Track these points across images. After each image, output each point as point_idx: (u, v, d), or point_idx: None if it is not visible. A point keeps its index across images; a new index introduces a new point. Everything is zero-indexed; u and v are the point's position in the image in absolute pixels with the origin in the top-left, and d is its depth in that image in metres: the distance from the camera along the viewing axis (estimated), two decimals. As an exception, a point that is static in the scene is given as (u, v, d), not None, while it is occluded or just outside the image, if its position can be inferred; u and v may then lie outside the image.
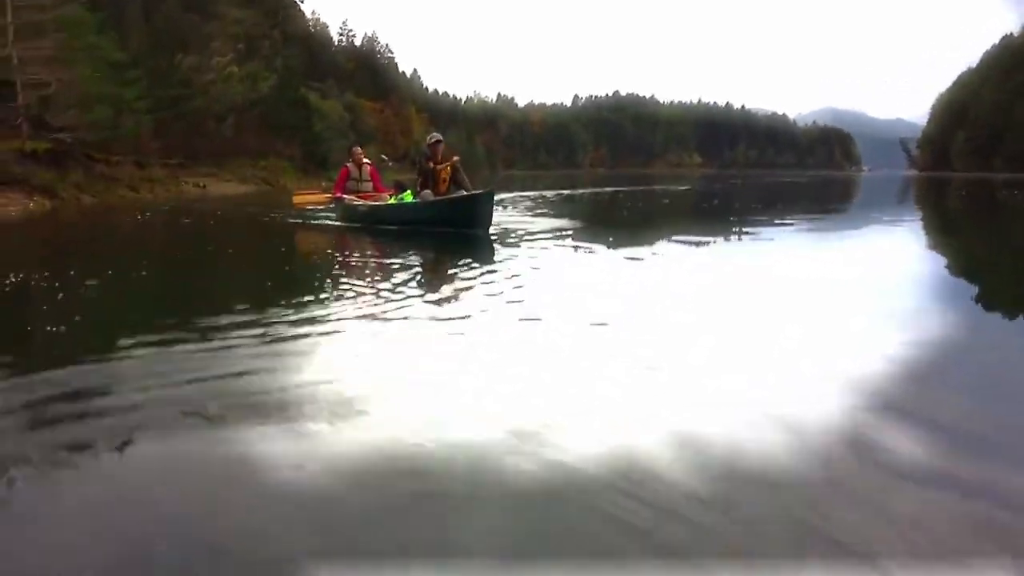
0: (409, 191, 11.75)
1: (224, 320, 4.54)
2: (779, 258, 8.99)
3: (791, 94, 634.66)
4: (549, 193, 28.95)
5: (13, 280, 6.68)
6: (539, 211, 17.44)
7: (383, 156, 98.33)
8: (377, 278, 6.55)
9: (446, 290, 5.76)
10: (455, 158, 11.76)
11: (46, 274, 6.92)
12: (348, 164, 13.09)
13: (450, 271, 6.93)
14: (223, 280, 7.34)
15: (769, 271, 7.62)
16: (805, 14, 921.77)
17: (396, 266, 7.25)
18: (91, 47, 28.91)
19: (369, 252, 9.28)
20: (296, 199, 14.65)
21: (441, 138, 11.95)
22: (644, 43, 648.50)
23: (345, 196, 12.66)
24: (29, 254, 10.32)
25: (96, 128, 27.51)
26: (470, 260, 7.54)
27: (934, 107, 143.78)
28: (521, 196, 25.26)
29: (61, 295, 5.69)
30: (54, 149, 24.99)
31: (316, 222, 13.43)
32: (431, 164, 11.38)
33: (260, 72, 46.12)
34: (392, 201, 12.02)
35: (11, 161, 22.78)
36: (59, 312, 5.06)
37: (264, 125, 43.90)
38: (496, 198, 10.97)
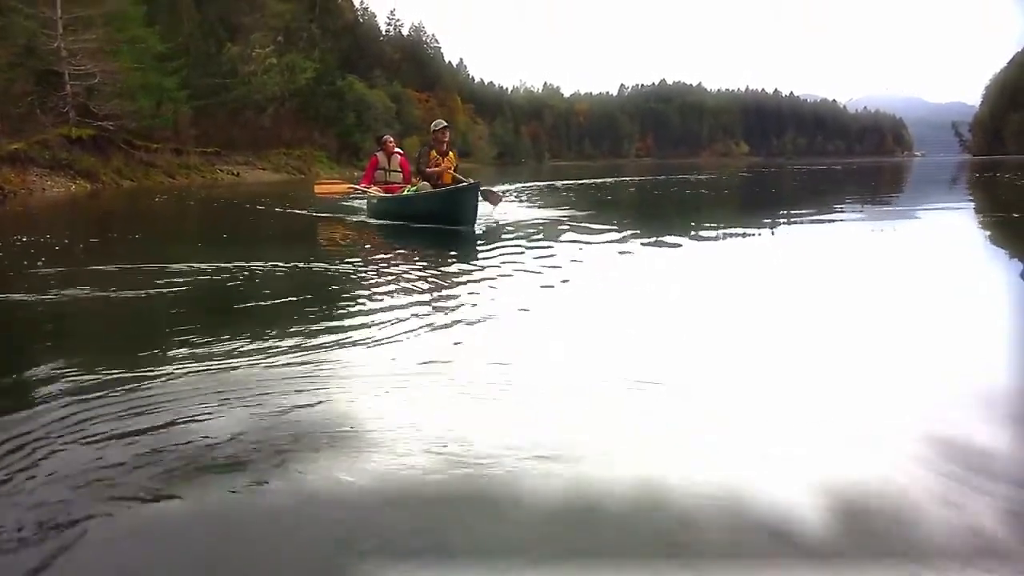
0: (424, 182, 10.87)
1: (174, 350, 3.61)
2: (805, 261, 7.61)
3: (843, 80, 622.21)
4: (588, 181, 29.71)
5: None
6: (568, 203, 17.08)
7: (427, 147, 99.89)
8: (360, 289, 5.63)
9: (433, 299, 4.99)
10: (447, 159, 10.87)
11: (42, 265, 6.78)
12: (378, 153, 12.42)
13: (434, 276, 5.95)
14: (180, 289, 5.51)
15: (787, 272, 6.69)
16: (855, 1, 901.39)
17: (372, 274, 6.42)
18: (136, 39, 30.73)
19: (359, 250, 8.69)
20: (317, 188, 14.43)
21: (447, 124, 11.22)
22: (691, 30, 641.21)
23: (371, 187, 12.06)
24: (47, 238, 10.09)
25: (138, 116, 29.25)
26: (454, 260, 6.82)
27: (987, 89, 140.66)
28: (562, 185, 25.88)
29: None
30: (97, 136, 26.77)
31: (325, 215, 12.86)
32: (436, 159, 10.66)
33: (299, 63, 47.75)
34: (407, 192, 11.26)
35: (57, 147, 24.57)
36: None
37: (301, 115, 45.53)
38: (542, 184, 10.93)
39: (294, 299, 4.93)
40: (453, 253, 7.26)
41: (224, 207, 16.61)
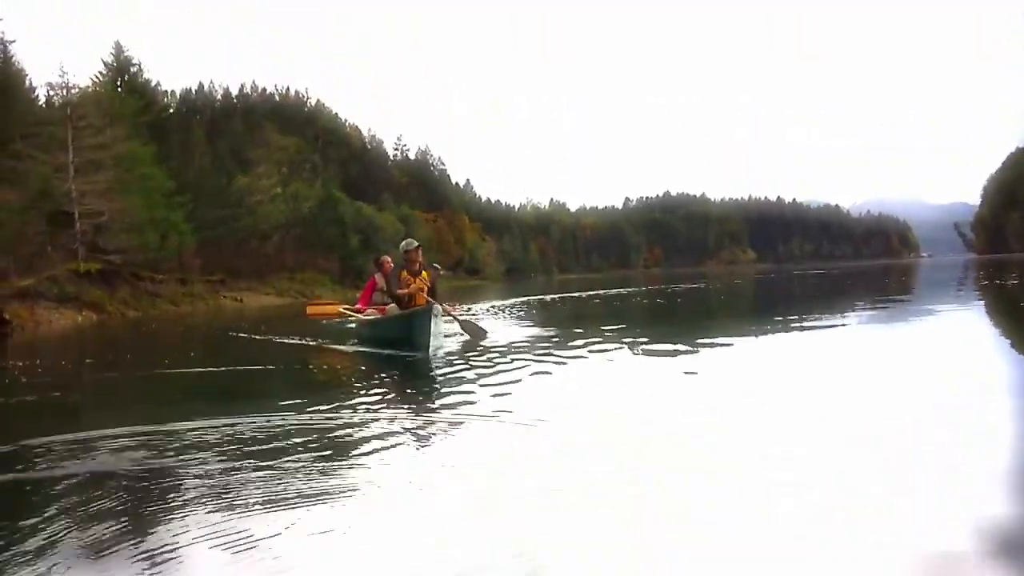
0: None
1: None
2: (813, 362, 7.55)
3: (842, 185, 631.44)
4: (593, 293, 30.26)
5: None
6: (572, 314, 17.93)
7: (435, 265, 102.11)
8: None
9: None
10: (428, 269, 10.55)
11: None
12: (376, 275, 11.93)
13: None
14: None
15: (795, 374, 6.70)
16: (852, 106, 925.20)
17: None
18: (144, 177, 32.78)
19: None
20: (309, 310, 14.40)
21: (418, 244, 10.57)
22: (691, 143, 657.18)
23: (368, 309, 11.59)
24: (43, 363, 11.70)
25: (144, 249, 30.97)
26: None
27: (985, 188, 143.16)
28: (557, 298, 26.80)
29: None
30: (105, 269, 28.39)
31: (321, 341, 12.11)
32: (407, 279, 10.26)
33: (302, 192, 50.17)
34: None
35: (66, 281, 26.12)
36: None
37: (304, 241, 47.53)
38: (548, 297, 10.80)
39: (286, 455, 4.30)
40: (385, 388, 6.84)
41: (213, 336, 17.41)
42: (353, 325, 11.79)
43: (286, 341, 12.56)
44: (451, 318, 10.93)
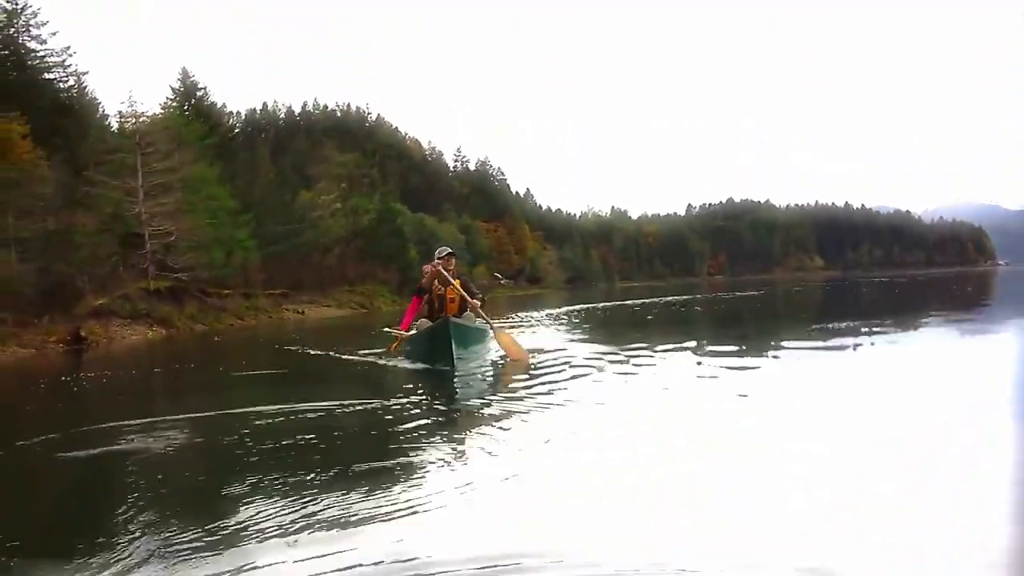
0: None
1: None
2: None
3: (915, 191, 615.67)
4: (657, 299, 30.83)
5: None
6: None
7: (496, 275, 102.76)
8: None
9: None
10: (452, 278, 10.12)
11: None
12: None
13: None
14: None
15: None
16: (922, 108, 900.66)
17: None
18: (210, 197, 34.39)
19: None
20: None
21: (452, 251, 10.44)
22: (755, 148, 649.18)
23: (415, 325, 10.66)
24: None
25: (211, 266, 32.53)
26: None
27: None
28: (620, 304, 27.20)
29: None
30: (173, 286, 29.97)
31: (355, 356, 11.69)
32: (434, 284, 10.14)
33: (362, 205, 51.72)
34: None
35: (137, 298, 27.70)
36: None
37: (364, 253, 48.94)
38: (607, 304, 10.54)
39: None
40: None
41: (266, 348, 18.57)
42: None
43: (340, 356, 12.20)
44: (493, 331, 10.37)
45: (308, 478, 4.05)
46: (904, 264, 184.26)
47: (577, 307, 29.50)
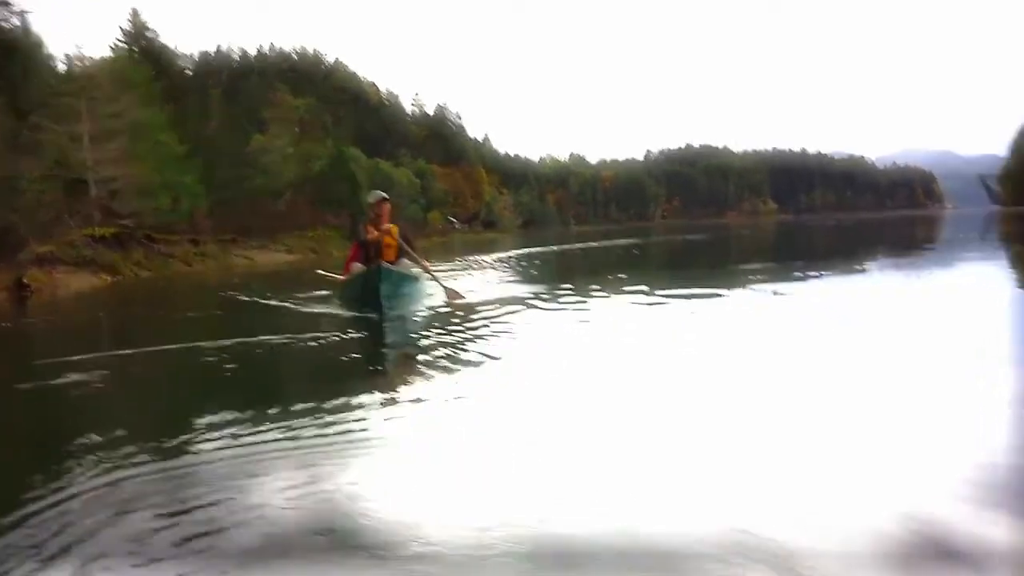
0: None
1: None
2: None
3: (872, 137, 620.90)
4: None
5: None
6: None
7: (451, 218, 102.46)
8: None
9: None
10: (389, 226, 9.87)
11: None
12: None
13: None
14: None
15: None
16: (884, 55, 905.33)
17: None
18: (157, 143, 34.39)
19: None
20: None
21: (387, 196, 10.08)
22: (716, 94, 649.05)
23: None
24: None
25: (157, 213, 32.67)
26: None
27: (1015, 141, 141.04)
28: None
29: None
30: (119, 233, 30.11)
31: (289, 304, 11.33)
32: (371, 230, 9.75)
33: (313, 151, 51.73)
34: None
35: (82, 245, 27.83)
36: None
37: (316, 199, 49.09)
38: (559, 247, 10.59)
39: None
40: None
41: (206, 295, 19.06)
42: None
43: (269, 303, 12.00)
44: (430, 276, 10.49)
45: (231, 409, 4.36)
46: (855, 208, 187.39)
47: (526, 251, 30.34)
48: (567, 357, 5.64)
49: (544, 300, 9.42)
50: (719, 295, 9.55)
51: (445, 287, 10.01)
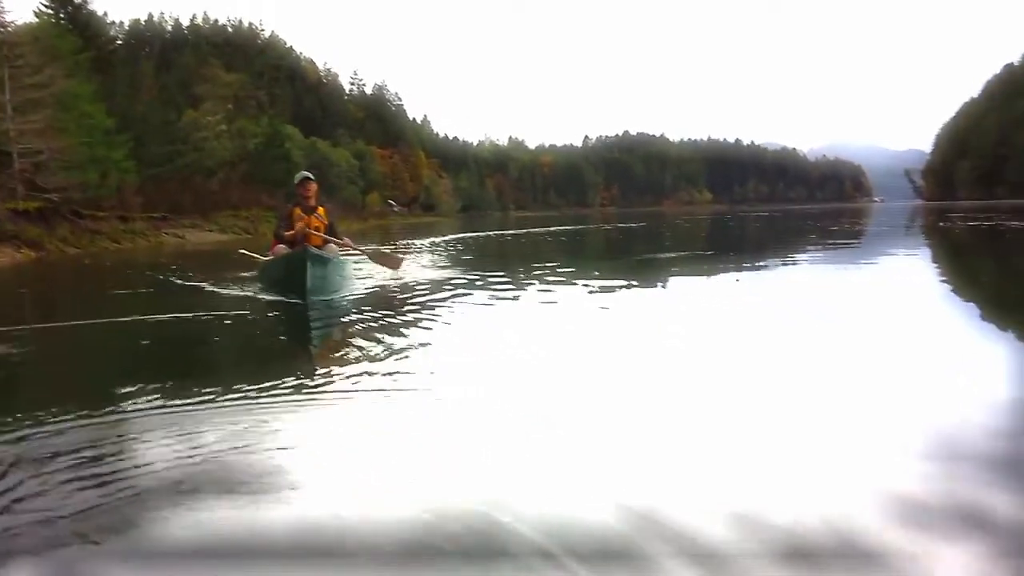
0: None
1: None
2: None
3: (802, 130, 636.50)
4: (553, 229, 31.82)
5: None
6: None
7: (389, 201, 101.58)
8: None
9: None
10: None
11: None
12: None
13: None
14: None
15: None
16: (817, 49, 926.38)
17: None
18: (84, 116, 33.24)
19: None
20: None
21: (312, 176, 9.66)
22: (654, 82, 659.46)
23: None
24: None
25: (84, 187, 31.61)
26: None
27: (938, 136, 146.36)
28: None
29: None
30: (44, 208, 29.08)
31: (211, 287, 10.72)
32: (295, 211, 9.40)
33: (248, 129, 50.67)
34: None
35: (4, 219, 26.82)
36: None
37: (249, 178, 48.14)
38: (496, 233, 10.49)
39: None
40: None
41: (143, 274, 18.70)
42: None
43: (193, 283, 11.57)
44: (361, 256, 10.52)
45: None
46: (787, 200, 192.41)
47: (464, 236, 30.30)
48: (495, 343, 5.64)
49: (476, 287, 9.41)
50: (647, 285, 9.74)
51: (381, 254, 10.14)
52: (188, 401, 3.83)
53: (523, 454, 2.98)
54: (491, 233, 33.48)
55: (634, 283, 9.77)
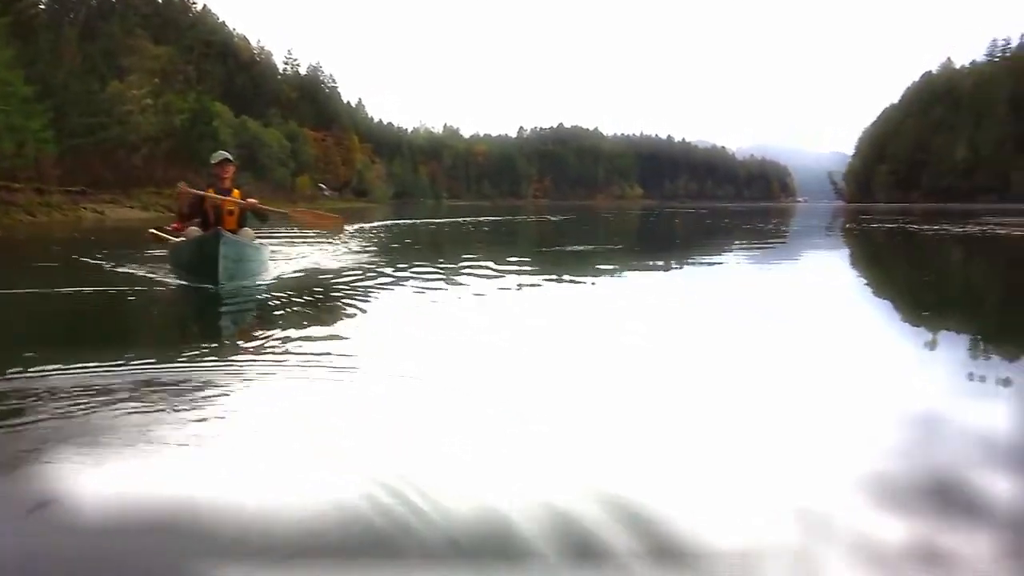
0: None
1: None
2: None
3: (732, 129, 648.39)
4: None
5: None
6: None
7: (321, 185, 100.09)
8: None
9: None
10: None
11: None
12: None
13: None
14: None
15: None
16: (749, 50, 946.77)
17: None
18: (1, 83, 31.96)
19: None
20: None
21: (230, 157, 9.27)
22: (589, 76, 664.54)
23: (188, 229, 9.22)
24: None
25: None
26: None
27: (860, 141, 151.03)
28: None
29: None
30: (-46, 177, 27.96)
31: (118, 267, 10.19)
32: (208, 191, 8.89)
33: (175, 104, 49.35)
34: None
35: (-88, 187, 25.75)
36: None
37: (175, 155, 46.87)
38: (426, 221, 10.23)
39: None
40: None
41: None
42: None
43: (100, 262, 10.89)
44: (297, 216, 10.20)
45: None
46: (716, 197, 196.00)
47: (395, 222, 30.09)
48: (416, 331, 5.49)
49: (401, 275, 9.24)
50: (576, 278, 9.78)
51: (314, 214, 9.84)
52: (69, 383, 3.65)
53: (436, 435, 2.98)
54: (423, 221, 33.33)
55: (565, 276, 9.82)
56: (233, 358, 4.47)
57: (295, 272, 9.46)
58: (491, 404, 3.46)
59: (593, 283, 9.32)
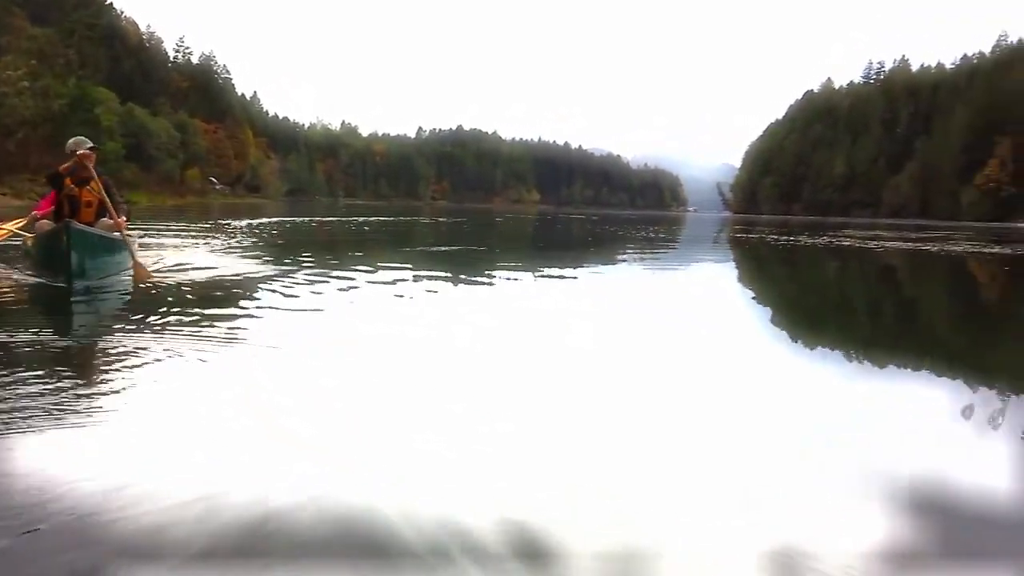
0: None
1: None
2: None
3: (627, 139, 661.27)
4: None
5: None
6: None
7: (212, 179, 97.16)
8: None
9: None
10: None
11: None
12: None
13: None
14: None
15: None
16: (643, 59, 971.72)
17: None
18: None
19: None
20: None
21: (92, 145, 8.23)
22: (488, 80, 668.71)
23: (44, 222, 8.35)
24: None
25: None
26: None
27: (746, 154, 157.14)
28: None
29: None
30: None
31: None
32: (66, 181, 7.87)
33: (54, 88, 47.04)
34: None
35: None
36: None
37: (53, 141, 44.67)
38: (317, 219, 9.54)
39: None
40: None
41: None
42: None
43: None
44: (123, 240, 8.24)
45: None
46: (609, 204, 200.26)
47: (287, 219, 29.50)
48: (285, 337, 5.01)
49: (284, 275, 8.73)
50: (470, 280, 9.87)
51: (135, 259, 7.98)
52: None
53: (307, 439, 2.92)
54: (317, 219, 32.74)
55: (461, 276, 9.90)
56: (67, 371, 3.85)
57: (161, 269, 8.71)
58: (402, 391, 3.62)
59: (492, 284, 9.54)
